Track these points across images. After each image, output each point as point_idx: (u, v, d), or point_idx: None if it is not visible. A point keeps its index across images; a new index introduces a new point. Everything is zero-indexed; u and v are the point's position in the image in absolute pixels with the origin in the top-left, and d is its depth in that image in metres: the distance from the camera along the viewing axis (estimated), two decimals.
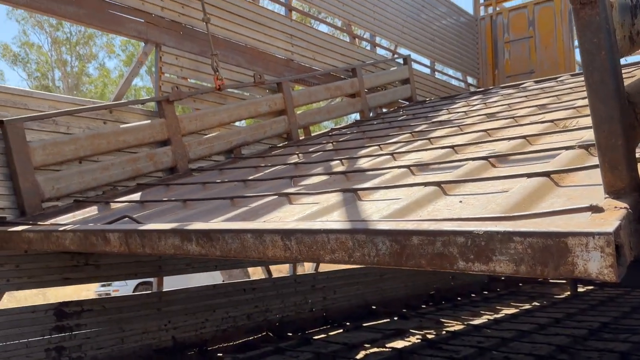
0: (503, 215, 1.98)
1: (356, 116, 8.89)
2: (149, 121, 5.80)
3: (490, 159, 3.38)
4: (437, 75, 11.38)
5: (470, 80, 12.34)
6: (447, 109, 7.59)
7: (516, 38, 11.59)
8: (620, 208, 1.76)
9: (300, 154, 5.96)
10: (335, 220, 2.61)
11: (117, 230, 3.15)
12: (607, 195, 1.93)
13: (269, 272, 7.42)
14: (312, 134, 7.89)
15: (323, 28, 10.66)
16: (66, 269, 5.00)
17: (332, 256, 2.20)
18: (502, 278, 11.34)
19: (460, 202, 2.60)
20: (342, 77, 8.56)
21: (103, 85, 20.41)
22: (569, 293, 9.45)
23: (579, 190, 2.36)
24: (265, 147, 7.00)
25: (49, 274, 4.90)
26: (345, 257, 2.16)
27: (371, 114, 8.88)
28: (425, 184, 2.90)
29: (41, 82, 23.09)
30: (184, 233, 2.76)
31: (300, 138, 7.43)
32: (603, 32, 1.81)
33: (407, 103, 9.78)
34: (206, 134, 6.30)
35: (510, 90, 8.29)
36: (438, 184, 2.86)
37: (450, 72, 12.47)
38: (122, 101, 5.76)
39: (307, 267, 11.99)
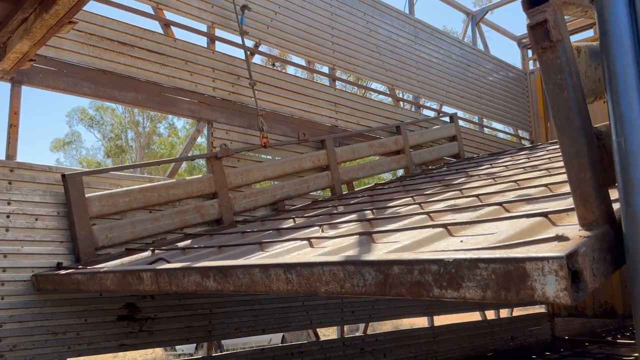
0: (479, 247, 2.08)
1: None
2: (199, 176, 6.23)
3: (504, 204, 3.45)
4: (488, 130, 11.41)
5: (522, 134, 12.26)
6: (490, 164, 7.62)
7: None
8: (585, 237, 1.84)
9: (338, 206, 6.16)
10: (330, 255, 2.77)
11: (149, 270, 3.43)
12: (581, 228, 2.00)
13: (316, 335, 7.49)
14: (356, 189, 8.09)
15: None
16: (121, 336, 5.39)
17: (326, 288, 2.35)
18: (567, 338, 10.77)
19: (461, 241, 2.70)
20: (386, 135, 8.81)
21: (171, 145, 21.79)
22: (637, 355, 8.83)
23: (572, 228, 2.41)
24: (309, 201, 7.26)
25: (107, 340, 5.30)
26: (337, 288, 2.31)
27: (417, 171, 9.00)
28: (434, 226, 3.02)
29: (115, 143, 24.86)
30: (203, 270, 3.00)
31: (344, 193, 7.64)
32: (565, 73, 1.95)
33: (455, 160, 9.84)
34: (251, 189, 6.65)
35: (553, 147, 8.21)
36: (445, 225, 2.97)
37: (501, 127, 12.46)
38: (176, 157, 6.23)
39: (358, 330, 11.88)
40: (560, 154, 6.40)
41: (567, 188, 3.92)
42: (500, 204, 3.49)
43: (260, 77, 7.04)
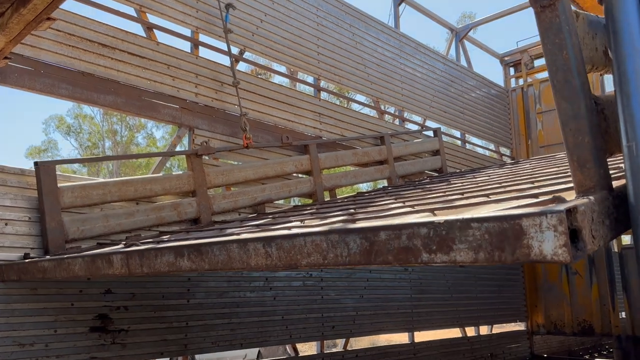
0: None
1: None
2: (178, 173, 6.06)
3: (491, 195, 3.36)
4: (470, 146, 11.44)
5: (503, 150, 12.34)
6: (473, 175, 7.59)
7: (548, 109, 11.64)
8: (583, 197, 1.74)
9: (320, 208, 6.03)
10: (314, 226, 2.65)
11: (119, 252, 3.25)
12: (577, 195, 1.91)
13: (295, 350, 7.29)
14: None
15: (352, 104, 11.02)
16: (93, 348, 5.14)
17: (308, 260, 2.22)
18: (545, 355, 10.65)
19: None
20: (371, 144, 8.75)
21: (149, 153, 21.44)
22: None
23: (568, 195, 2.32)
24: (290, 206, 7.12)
25: (77, 353, 5.04)
26: (320, 260, 2.17)
27: (399, 182, 8.94)
28: (419, 211, 2.91)
29: (92, 152, 24.43)
30: (177, 249, 2.84)
31: (326, 200, 7.52)
32: (564, 32, 1.88)
33: (437, 174, 9.81)
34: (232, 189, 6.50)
35: (537, 162, 8.23)
36: (432, 210, 2.87)
37: (483, 143, 12.53)
38: (154, 152, 6.06)
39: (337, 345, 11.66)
40: (544, 166, 6.35)
41: (555, 187, 3.87)
42: (487, 195, 3.40)
43: (245, 84, 6.93)
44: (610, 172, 2.00)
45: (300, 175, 7.49)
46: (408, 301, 8.72)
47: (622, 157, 2.03)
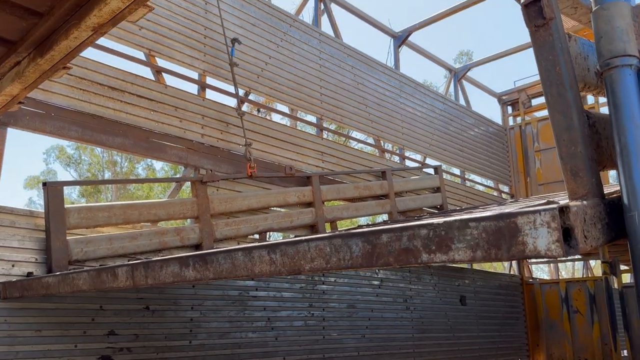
0: None
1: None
2: (182, 198, 6.16)
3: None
4: (470, 184, 11.55)
5: (502, 187, 12.44)
6: (472, 212, 7.67)
7: (547, 147, 11.81)
8: (576, 201, 1.83)
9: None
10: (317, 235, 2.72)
11: (124, 265, 3.31)
12: (570, 201, 2.00)
13: None
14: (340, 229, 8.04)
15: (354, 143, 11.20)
16: None
17: (311, 265, 2.29)
18: None
19: None
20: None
21: (149, 186, 21.35)
22: None
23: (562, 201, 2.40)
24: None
25: None
26: (323, 264, 2.24)
27: (399, 218, 9.01)
28: None
29: None
30: (182, 260, 2.90)
31: (327, 232, 7.58)
32: (557, 50, 2.01)
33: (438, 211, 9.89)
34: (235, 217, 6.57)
35: (537, 201, 8.33)
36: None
37: (482, 180, 12.64)
38: (161, 177, 6.17)
39: None
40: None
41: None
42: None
43: (248, 124, 7.07)
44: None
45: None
46: (410, 340, 8.63)
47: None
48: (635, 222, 1.97)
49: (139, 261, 3.27)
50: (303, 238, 2.34)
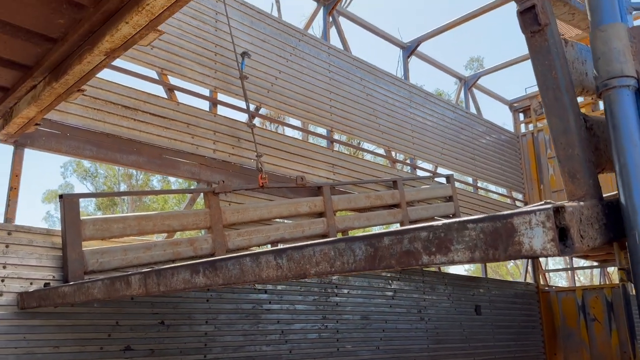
0: None
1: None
2: (195, 209, 6.25)
3: None
4: (483, 192, 11.52)
5: (516, 195, 12.37)
6: None
7: None
8: (573, 202, 1.87)
9: None
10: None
11: (137, 273, 3.39)
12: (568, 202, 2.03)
13: None
14: None
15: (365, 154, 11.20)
16: None
17: (316, 269, 2.34)
18: None
19: None
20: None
21: (164, 199, 21.63)
22: None
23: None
24: None
25: None
26: (327, 268, 2.30)
27: None
28: None
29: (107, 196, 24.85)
30: (193, 267, 2.97)
31: None
32: (552, 55, 2.06)
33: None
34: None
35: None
36: None
37: (495, 188, 12.59)
38: (174, 189, 6.28)
39: None
40: None
41: None
42: None
43: (259, 138, 7.15)
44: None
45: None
46: (425, 351, 8.59)
47: None
48: (636, 241, 1.99)
49: (151, 269, 3.35)
50: (308, 243, 2.40)
